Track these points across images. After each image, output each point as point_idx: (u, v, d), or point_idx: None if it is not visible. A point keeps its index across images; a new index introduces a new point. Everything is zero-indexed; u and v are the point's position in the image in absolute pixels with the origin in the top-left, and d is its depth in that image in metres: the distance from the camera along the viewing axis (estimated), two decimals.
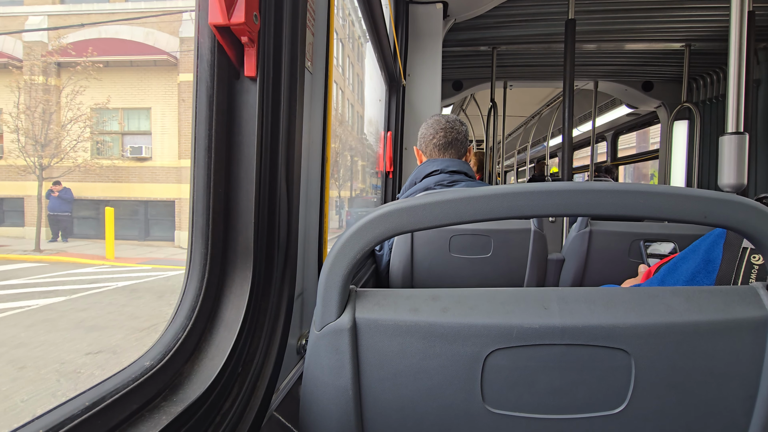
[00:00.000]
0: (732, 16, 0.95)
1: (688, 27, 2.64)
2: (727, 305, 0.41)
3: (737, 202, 0.38)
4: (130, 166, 8.80)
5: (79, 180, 8.38)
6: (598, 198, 0.38)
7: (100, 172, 8.55)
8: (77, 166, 8.24)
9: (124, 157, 8.73)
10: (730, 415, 0.42)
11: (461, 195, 0.39)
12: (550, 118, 5.15)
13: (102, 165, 8.56)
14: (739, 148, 0.96)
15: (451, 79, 3.61)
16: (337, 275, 0.41)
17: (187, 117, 7.90)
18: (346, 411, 0.43)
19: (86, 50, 8.20)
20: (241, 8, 0.49)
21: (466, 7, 2.29)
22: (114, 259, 6.87)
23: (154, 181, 8.78)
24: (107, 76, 8.47)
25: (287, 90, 0.60)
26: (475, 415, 0.43)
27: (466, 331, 0.41)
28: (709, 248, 0.58)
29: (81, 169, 8.32)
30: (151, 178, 8.78)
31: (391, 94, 2.20)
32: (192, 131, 0.52)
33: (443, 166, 1.42)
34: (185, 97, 8.47)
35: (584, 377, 0.41)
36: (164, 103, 8.78)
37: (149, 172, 8.81)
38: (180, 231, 8.65)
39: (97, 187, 8.64)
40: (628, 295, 0.42)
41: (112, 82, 8.60)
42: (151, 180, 8.78)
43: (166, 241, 8.57)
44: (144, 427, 0.39)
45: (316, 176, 0.80)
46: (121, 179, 8.78)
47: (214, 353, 0.50)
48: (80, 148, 8.27)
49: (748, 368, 0.40)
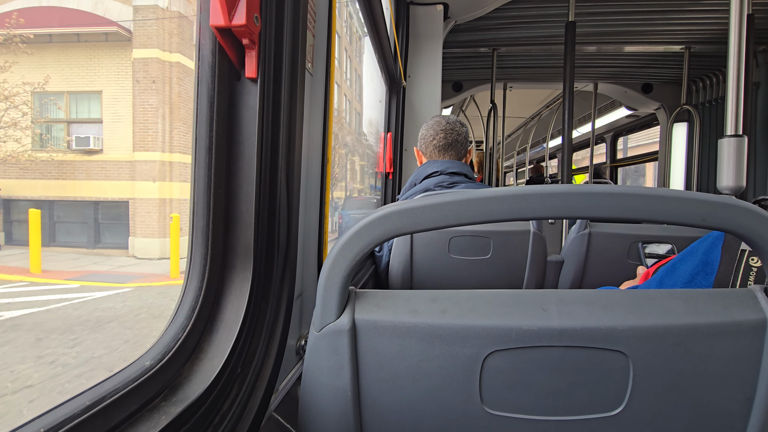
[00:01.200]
0: (731, 19, 0.95)
1: (687, 29, 2.64)
2: (725, 308, 0.41)
3: (735, 205, 0.38)
4: (76, 159, 7.47)
5: (15, 177, 7.23)
6: (598, 201, 0.39)
7: (38, 168, 7.32)
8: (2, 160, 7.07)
9: (68, 150, 7.45)
10: (728, 417, 0.42)
11: (461, 197, 0.39)
12: (550, 120, 5.16)
13: (37, 159, 7.30)
14: (738, 150, 0.96)
15: (451, 80, 3.62)
16: (337, 276, 0.42)
17: (142, 101, 7.25)
18: (345, 412, 0.44)
19: (12, 20, 6.87)
20: (242, 10, 0.49)
21: (466, 8, 2.30)
22: (41, 272, 5.54)
23: (106, 177, 7.54)
24: (50, 54, 7.22)
25: (288, 91, 0.60)
26: (474, 417, 0.43)
27: (465, 332, 0.41)
28: (708, 250, 0.58)
29: (9, 163, 7.19)
30: (102, 175, 7.53)
31: (392, 95, 2.21)
32: (193, 132, 0.52)
33: (443, 167, 1.43)
34: (141, 77, 7.29)
35: (582, 379, 0.41)
36: (118, 85, 7.47)
37: (99, 168, 7.54)
38: (135, 237, 7.38)
39: (37, 185, 7.38)
40: (626, 297, 0.43)
41: (56, 60, 7.33)
42: (102, 177, 7.54)
43: (119, 249, 7.34)
44: (143, 427, 0.39)
45: (316, 177, 0.80)
46: (66, 175, 7.48)
47: (213, 353, 0.50)
48: (9, 137, 7.03)
49: (745, 370, 0.41)
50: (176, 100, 7.64)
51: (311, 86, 0.74)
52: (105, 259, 6.96)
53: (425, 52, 2.28)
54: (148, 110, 7.42)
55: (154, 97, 7.42)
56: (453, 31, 2.50)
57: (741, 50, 0.95)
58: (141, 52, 7.35)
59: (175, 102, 7.63)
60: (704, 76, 3.35)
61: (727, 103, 0.97)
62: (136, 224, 7.46)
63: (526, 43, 2.90)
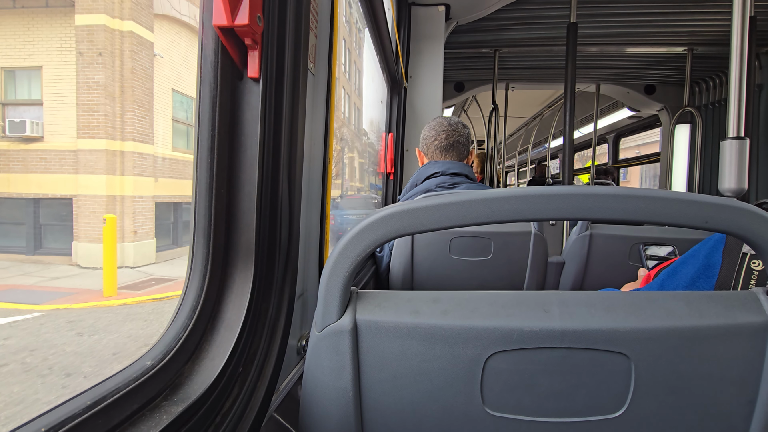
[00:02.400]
0: (734, 21, 0.95)
1: (690, 31, 2.64)
2: (727, 310, 0.41)
3: (738, 207, 0.38)
4: (10, 148, 6.26)
5: None
6: (600, 202, 0.39)
7: None
8: None
9: (1, 137, 6.21)
10: (730, 419, 0.42)
11: (463, 198, 0.39)
12: (552, 120, 5.15)
13: None
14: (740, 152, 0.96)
15: (452, 80, 3.62)
16: (339, 277, 0.42)
17: (87, 77, 5.98)
18: (346, 412, 0.44)
19: None
20: (245, 10, 0.49)
21: (468, 9, 2.30)
22: None
23: (47, 170, 6.27)
24: None
25: (290, 91, 0.60)
26: (475, 418, 0.43)
27: (467, 333, 0.41)
28: (709, 253, 0.58)
29: None
30: (42, 167, 6.28)
31: (393, 96, 2.21)
32: (195, 132, 0.52)
33: (444, 168, 1.43)
34: (85, 48, 6.02)
35: (584, 381, 0.41)
36: (61, 60, 6.21)
37: (38, 158, 6.26)
38: (79, 242, 6.14)
39: None
40: (628, 299, 0.43)
41: None
42: (42, 169, 6.27)
43: (63, 255, 6.14)
44: (144, 426, 0.39)
45: (317, 177, 0.80)
46: None
47: (214, 353, 0.50)
48: None
49: (747, 373, 0.41)
50: (129, 77, 6.33)
51: (313, 86, 0.74)
52: (40, 269, 5.80)
53: (427, 53, 2.28)
54: (94, 89, 6.11)
55: (101, 73, 6.09)
56: (454, 31, 2.50)
57: (743, 52, 0.94)
58: (85, 19, 5.97)
59: (127, 80, 6.31)
60: (707, 77, 3.35)
61: (729, 105, 0.97)
62: (80, 226, 6.22)
63: (528, 44, 2.90)
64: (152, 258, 6.85)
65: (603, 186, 0.40)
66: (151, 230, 6.94)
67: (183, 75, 7.81)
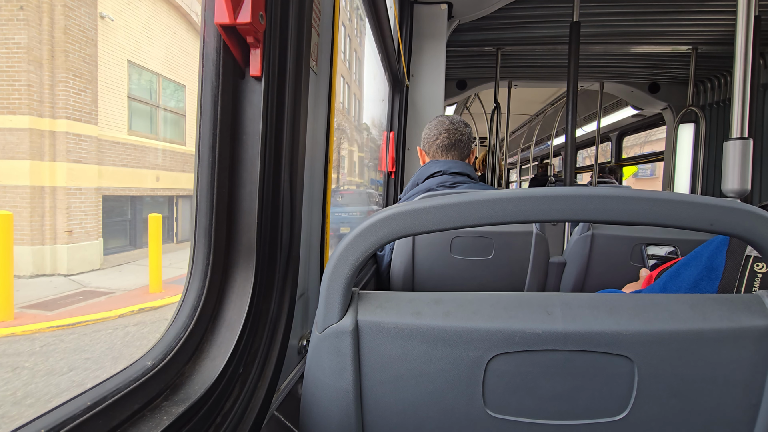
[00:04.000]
0: (738, 20, 0.95)
1: (694, 30, 2.62)
2: (731, 313, 0.41)
3: (744, 210, 0.38)
4: None
5: None
6: (603, 204, 0.38)
7: None
8: None
9: None
10: (733, 423, 0.42)
11: (465, 199, 0.39)
12: (555, 117, 5.14)
13: None
14: (743, 153, 0.96)
15: (454, 78, 3.61)
16: (340, 277, 0.41)
17: (5, 38, 4.52)
18: (347, 413, 0.43)
19: None
20: (248, 8, 0.49)
21: (470, 8, 2.29)
22: None
23: None
24: None
25: (292, 90, 0.60)
26: (477, 420, 0.43)
27: (469, 335, 0.41)
28: (712, 255, 0.58)
29: None
30: None
31: (395, 94, 2.20)
32: (197, 130, 0.52)
33: (446, 167, 1.42)
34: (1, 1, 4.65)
35: (586, 383, 0.41)
36: None
37: None
38: None
39: None
40: (631, 301, 0.42)
41: None
42: None
43: None
44: (145, 427, 0.39)
45: (319, 177, 0.80)
46: None
47: (215, 353, 0.50)
48: None
49: (751, 376, 0.40)
50: (62, 39, 5.00)
51: (315, 85, 0.74)
52: None
53: (429, 52, 2.27)
54: (14, 52, 4.83)
55: (22, 32, 4.82)
56: (457, 30, 2.49)
57: (747, 52, 0.94)
58: None
59: (59, 42, 4.99)
60: (711, 76, 3.33)
61: (732, 105, 0.96)
62: None
63: (531, 42, 2.89)
64: (96, 263, 5.54)
65: (606, 188, 0.40)
66: (95, 229, 5.62)
67: (144, 45, 6.58)
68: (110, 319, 3.86)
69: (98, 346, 3.27)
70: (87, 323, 3.69)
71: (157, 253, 4.95)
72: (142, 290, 4.82)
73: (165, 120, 7.38)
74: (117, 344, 3.36)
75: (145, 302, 4.31)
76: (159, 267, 4.91)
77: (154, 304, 4.31)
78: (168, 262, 6.14)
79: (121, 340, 3.45)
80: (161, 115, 7.27)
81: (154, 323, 3.92)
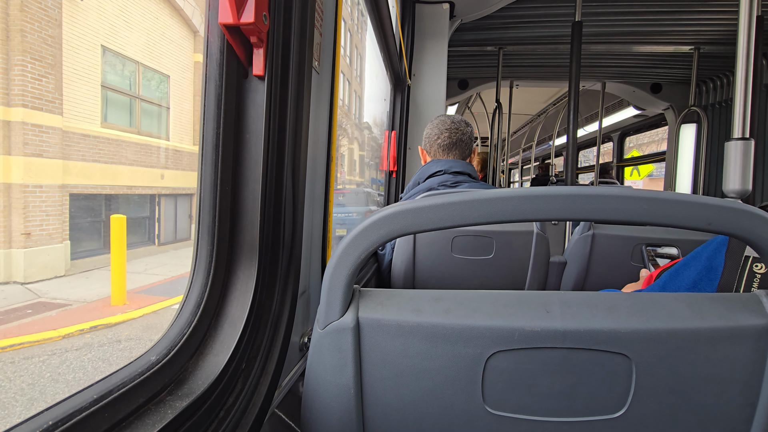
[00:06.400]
0: (740, 20, 0.95)
1: (696, 30, 2.62)
2: (729, 312, 0.41)
3: (742, 210, 0.38)
4: None
5: None
6: (604, 203, 0.39)
7: None
8: None
9: None
10: (730, 421, 0.42)
11: (466, 198, 0.39)
12: (557, 117, 5.13)
13: None
14: (744, 153, 0.96)
15: (456, 78, 3.61)
16: (341, 275, 0.42)
17: None
18: (348, 409, 0.44)
19: None
20: (251, 8, 0.49)
21: (472, 7, 2.29)
22: None
23: None
24: None
25: (295, 89, 0.60)
26: (476, 416, 0.43)
27: (469, 332, 0.41)
28: (712, 256, 0.58)
29: None
30: None
31: (396, 94, 2.20)
32: (200, 129, 0.53)
33: (447, 166, 1.42)
34: None
35: (585, 381, 0.41)
36: None
37: None
38: None
39: None
40: (630, 300, 0.43)
41: None
42: None
43: None
44: (150, 420, 0.40)
45: (321, 175, 0.81)
46: None
47: (218, 349, 0.51)
48: None
49: (749, 375, 0.41)
50: (18, 18, 4.37)
51: (318, 84, 0.74)
52: None
53: (430, 51, 2.27)
54: None
55: None
56: (459, 29, 2.49)
57: (749, 52, 0.94)
58: None
59: (15, 21, 4.36)
60: (714, 77, 3.32)
61: (734, 106, 0.97)
62: None
63: (533, 42, 2.88)
64: (61, 269, 4.84)
65: (606, 187, 0.40)
66: (59, 231, 4.92)
67: (120, 30, 5.89)
68: (52, 340, 3.13)
69: (18, 381, 2.51)
70: (20, 346, 2.96)
71: (121, 259, 4.25)
72: (103, 302, 4.14)
73: (146, 112, 6.54)
74: (44, 378, 2.53)
75: (101, 318, 3.62)
76: (123, 276, 4.20)
77: (110, 321, 3.57)
78: (143, 268, 5.50)
79: (51, 373, 2.63)
80: (141, 106, 6.44)
81: (102, 347, 3.05)
